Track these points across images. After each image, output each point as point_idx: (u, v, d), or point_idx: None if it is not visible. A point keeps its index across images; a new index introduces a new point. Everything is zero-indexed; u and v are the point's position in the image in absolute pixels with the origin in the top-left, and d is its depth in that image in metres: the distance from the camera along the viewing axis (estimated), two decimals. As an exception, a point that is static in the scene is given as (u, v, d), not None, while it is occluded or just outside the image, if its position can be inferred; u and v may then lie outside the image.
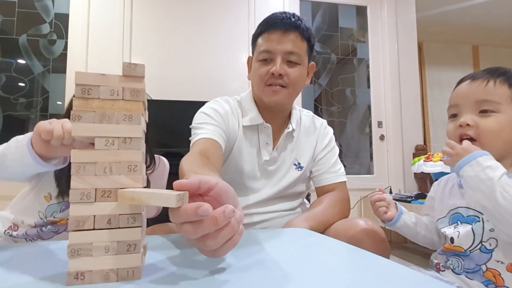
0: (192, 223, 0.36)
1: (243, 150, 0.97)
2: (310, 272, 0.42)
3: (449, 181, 0.77)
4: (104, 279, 0.37)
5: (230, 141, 0.96)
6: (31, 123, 2.44)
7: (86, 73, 0.38)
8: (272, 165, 1.00)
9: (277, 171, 1.00)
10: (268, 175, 0.99)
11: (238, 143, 0.97)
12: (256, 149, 0.99)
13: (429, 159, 2.00)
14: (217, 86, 2.59)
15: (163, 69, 2.51)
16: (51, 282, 0.37)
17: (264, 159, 0.98)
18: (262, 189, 0.98)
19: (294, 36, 0.92)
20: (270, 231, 0.73)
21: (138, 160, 0.39)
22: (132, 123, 0.39)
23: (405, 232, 0.76)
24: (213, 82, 2.61)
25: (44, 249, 0.54)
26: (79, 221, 0.37)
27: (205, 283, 0.37)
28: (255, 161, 0.98)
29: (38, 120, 2.43)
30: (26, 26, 2.42)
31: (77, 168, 0.37)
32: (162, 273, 0.40)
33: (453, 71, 4.33)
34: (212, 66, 2.64)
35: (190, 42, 2.63)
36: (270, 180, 1.00)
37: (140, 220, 0.39)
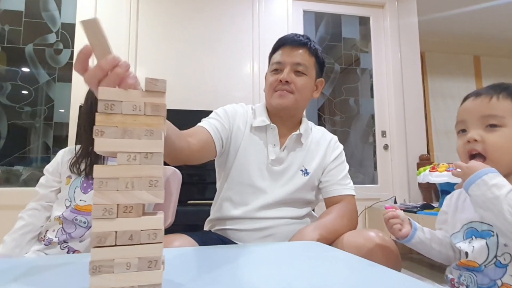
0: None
1: (251, 149, 1.02)
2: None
3: (461, 195, 0.77)
4: (125, 296, 0.36)
5: (236, 139, 1.02)
6: (34, 132, 2.45)
7: (109, 89, 0.39)
8: (278, 165, 1.02)
9: (284, 173, 1.02)
10: (274, 175, 1.02)
11: (246, 142, 1.02)
12: (264, 149, 1.03)
13: (434, 169, 1.99)
14: (221, 96, 2.60)
15: (167, 79, 2.49)
16: (72, 299, 0.37)
17: (271, 158, 1.01)
18: (270, 191, 1.00)
19: (303, 51, 1.03)
20: (284, 244, 0.73)
21: (159, 176, 0.39)
22: (153, 138, 0.39)
23: (420, 248, 0.75)
24: (217, 92, 2.62)
25: (67, 262, 0.53)
26: (100, 238, 0.36)
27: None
28: (262, 160, 1.02)
29: (42, 129, 2.44)
30: (32, 35, 2.45)
31: (100, 183, 0.37)
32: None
33: (455, 81, 4.36)
34: (216, 75, 2.66)
35: (195, 53, 2.65)
36: (277, 181, 1.01)
37: (161, 236, 0.38)
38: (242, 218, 0.98)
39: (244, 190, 1.00)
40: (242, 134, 1.03)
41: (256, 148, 1.03)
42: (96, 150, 0.38)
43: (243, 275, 0.46)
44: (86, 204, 0.85)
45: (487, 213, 0.60)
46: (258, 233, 0.96)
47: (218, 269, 0.49)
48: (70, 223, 0.85)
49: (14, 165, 2.42)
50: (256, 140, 1.03)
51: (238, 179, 1.01)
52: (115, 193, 0.37)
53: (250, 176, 1.00)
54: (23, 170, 2.45)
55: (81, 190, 0.87)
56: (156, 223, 0.38)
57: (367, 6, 3.08)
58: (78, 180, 0.88)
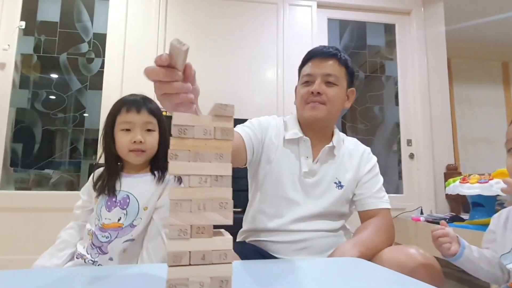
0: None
1: (284, 162, 1.02)
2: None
3: (510, 215, 0.75)
4: (198, 314, 0.38)
5: (268, 151, 1.03)
6: (66, 137, 2.54)
7: (182, 114, 0.41)
8: (311, 178, 1.02)
9: (317, 185, 1.02)
10: (307, 188, 1.01)
11: (279, 155, 1.03)
12: (296, 161, 1.03)
13: (465, 180, 1.94)
14: (245, 102, 2.62)
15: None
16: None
17: (304, 170, 1.01)
18: (303, 204, 1.00)
19: (332, 62, 1.04)
20: (330, 261, 0.73)
21: (229, 197, 0.41)
22: (223, 161, 0.41)
23: (467, 267, 0.74)
24: (241, 98, 2.64)
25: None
26: (176, 257, 0.38)
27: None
28: (294, 172, 1.02)
29: (74, 135, 2.53)
30: (66, 45, 2.55)
31: (175, 205, 0.39)
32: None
33: (482, 88, 4.23)
34: (240, 82, 2.69)
35: (220, 59, 2.70)
36: (310, 194, 1.01)
37: (231, 256, 0.40)
38: (276, 230, 0.99)
39: (278, 202, 1.00)
40: (275, 146, 1.04)
41: (289, 161, 1.03)
42: (170, 173, 0.40)
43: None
44: (111, 222, 0.88)
45: None
46: (294, 246, 0.97)
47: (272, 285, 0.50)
48: (95, 238, 0.89)
49: (44, 169, 2.52)
50: (288, 152, 1.04)
51: (272, 191, 1.01)
52: (188, 214, 0.39)
53: (284, 189, 1.00)
54: (53, 173, 2.54)
55: (106, 208, 0.89)
56: (226, 243, 0.40)
57: (392, 13, 3.05)
58: (103, 200, 0.90)
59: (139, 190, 0.91)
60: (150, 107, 0.92)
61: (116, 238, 0.87)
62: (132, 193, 0.90)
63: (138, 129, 0.90)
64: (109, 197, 0.90)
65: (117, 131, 0.91)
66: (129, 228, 0.88)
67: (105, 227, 0.88)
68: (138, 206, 0.89)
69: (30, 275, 0.58)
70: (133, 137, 0.89)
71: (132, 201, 0.89)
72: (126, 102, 0.91)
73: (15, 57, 2.44)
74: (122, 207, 0.89)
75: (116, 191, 0.90)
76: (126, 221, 0.88)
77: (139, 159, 0.92)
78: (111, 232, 0.87)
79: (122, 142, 0.90)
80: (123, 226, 0.87)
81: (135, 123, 0.90)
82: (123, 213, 0.88)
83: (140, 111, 0.90)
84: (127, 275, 0.57)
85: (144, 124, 0.91)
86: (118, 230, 0.87)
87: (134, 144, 0.89)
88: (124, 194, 0.90)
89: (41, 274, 0.60)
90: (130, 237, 0.88)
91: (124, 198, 0.89)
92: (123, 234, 0.87)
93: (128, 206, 0.89)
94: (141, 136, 0.89)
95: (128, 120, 0.90)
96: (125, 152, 0.91)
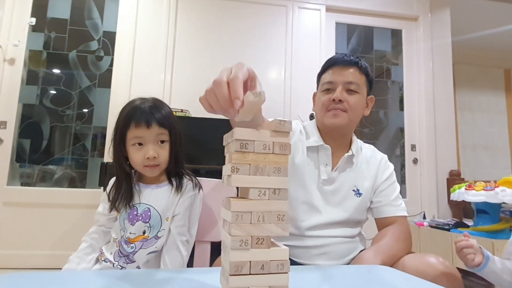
0: None
1: (306, 169, 1.03)
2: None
3: (531, 225, 0.77)
4: (258, 321, 0.40)
5: (292, 155, 1.03)
6: (74, 134, 2.54)
7: (243, 129, 0.42)
8: (329, 185, 1.03)
9: (335, 193, 1.03)
10: (326, 195, 1.03)
11: (301, 161, 1.04)
12: (316, 168, 1.04)
13: (471, 187, 1.96)
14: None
15: (201, 86, 2.56)
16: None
17: (323, 178, 1.03)
18: (324, 211, 1.01)
19: (353, 69, 1.04)
20: (351, 268, 0.75)
21: (286, 210, 0.42)
22: (281, 175, 0.43)
23: (490, 278, 0.76)
24: (250, 101, 2.66)
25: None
26: (238, 266, 0.40)
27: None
28: (314, 179, 1.03)
29: (81, 131, 2.53)
30: (76, 42, 2.56)
31: (236, 216, 0.41)
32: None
33: (484, 94, 4.28)
34: (249, 84, 2.70)
35: (227, 60, 2.71)
36: (329, 201, 1.03)
37: (288, 266, 0.42)
38: (296, 235, 1.01)
39: (298, 207, 1.02)
40: (298, 151, 1.05)
41: (309, 167, 1.04)
42: (232, 185, 0.42)
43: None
44: (136, 236, 0.88)
45: None
46: (313, 251, 0.99)
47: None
48: (123, 249, 0.89)
49: (51, 165, 2.52)
50: (310, 160, 1.05)
51: (293, 195, 1.02)
52: (249, 225, 0.41)
53: (305, 194, 1.02)
54: (56, 169, 2.55)
55: (129, 222, 0.89)
56: (283, 254, 0.42)
57: (400, 19, 3.08)
58: (125, 212, 0.90)
59: (159, 201, 0.90)
60: (159, 119, 0.88)
61: (141, 249, 0.88)
62: (153, 206, 0.90)
63: (150, 144, 0.87)
64: (130, 211, 0.89)
65: (129, 146, 0.89)
66: (154, 240, 0.89)
67: (131, 241, 0.88)
68: (160, 218, 0.89)
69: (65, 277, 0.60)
70: (146, 153, 0.86)
71: (153, 213, 0.89)
72: (135, 116, 0.87)
73: (25, 53, 2.44)
74: (144, 221, 0.88)
75: (136, 204, 0.89)
76: (151, 233, 0.88)
77: (155, 173, 0.90)
78: (136, 244, 0.88)
79: (136, 159, 0.88)
80: (148, 238, 0.88)
81: (146, 138, 0.87)
82: (147, 226, 0.88)
83: (150, 125, 0.86)
84: (170, 278, 0.58)
85: (155, 137, 0.88)
86: (143, 241, 0.88)
87: (148, 160, 0.86)
88: (145, 207, 0.89)
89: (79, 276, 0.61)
90: (155, 249, 0.88)
91: (146, 211, 0.89)
92: (148, 246, 0.88)
93: (150, 219, 0.88)
94: (153, 151, 0.87)
95: (138, 135, 0.87)
96: (140, 167, 0.89)
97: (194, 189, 0.94)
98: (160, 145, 0.89)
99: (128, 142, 0.89)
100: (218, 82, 0.47)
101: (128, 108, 0.90)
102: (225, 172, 0.44)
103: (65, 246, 2.28)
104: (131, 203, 0.89)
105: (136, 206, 0.89)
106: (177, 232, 0.90)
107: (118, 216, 0.92)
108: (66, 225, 2.36)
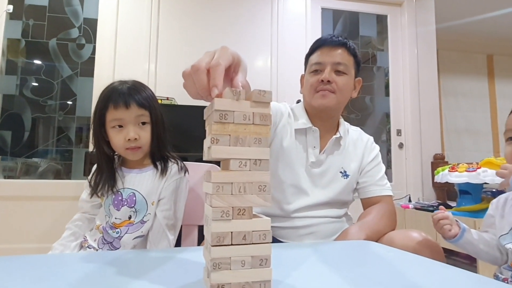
0: None
1: (294, 151, 1.04)
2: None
3: (508, 199, 0.80)
4: (241, 291, 0.40)
5: (279, 137, 1.04)
6: (57, 125, 2.48)
7: (223, 100, 0.42)
8: (317, 168, 1.04)
9: (323, 175, 1.04)
10: (314, 177, 1.04)
11: (289, 144, 1.04)
12: (304, 151, 1.05)
13: (454, 169, 2.01)
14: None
15: (187, 74, 2.55)
16: (193, 292, 0.40)
17: (311, 160, 1.03)
18: (311, 193, 1.02)
19: (342, 50, 1.03)
20: (335, 244, 0.76)
21: (267, 181, 0.42)
22: (261, 146, 0.42)
23: (468, 248, 0.79)
24: (236, 88, 2.64)
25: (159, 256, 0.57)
26: (219, 237, 0.40)
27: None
28: (302, 162, 1.04)
29: (65, 122, 2.48)
30: (56, 30, 2.48)
31: (217, 187, 0.40)
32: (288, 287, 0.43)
33: (468, 80, 4.35)
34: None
35: (212, 48, 2.67)
36: (317, 183, 1.04)
37: (270, 236, 0.42)
38: (284, 216, 1.01)
39: (286, 189, 1.02)
40: (287, 134, 1.05)
41: (297, 150, 1.04)
42: (212, 157, 0.41)
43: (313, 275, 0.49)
44: (122, 221, 0.87)
45: None
46: (300, 231, 1.00)
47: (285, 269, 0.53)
48: (108, 235, 0.88)
49: (34, 157, 2.47)
50: (298, 142, 1.05)
51: (282, 178, 1.02)
52: (230, 196, 0.41)
53: (293, 177, 1.02)
54: (40, 162, 2.49)
55: (114, 207, 0.87)
56: (265, 225, 0.42)
57: (385, 4, 3.08)
58: (110, 198, 0.88)
59: (144, 186, 0.89)
60: (139, 99, 0.85)
61: (126, 234, 0.87)
62: (138, 190, 0.88)
63: (131, 125, 0.85)
64: (115, 196, 0.87)
65: (109, 128, 0.86)
66: (140, 224, 0.87)
67: (116, 226, 0.87)
68: (145, 203, 0.88)
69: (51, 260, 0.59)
70: (126, 135, 0.84)
71: (139, 198, 0.88)
72: (113, 97, 0.84)
73: (2, 42, 2.35)
74: (129, 206, 0.87)
75: (120, 189, 0.88)
76: (137, 218, 0.87)
77: (137, 156, 0.88)
78: (122, 228, 0.87)
79: (117, 142, 0.86)
80: (134, 223, 0.87)
81: (126, 119, 0.85)
82: (132, 211, 0.87)
83: (129, 106, 0.84)
84: (158, 258, 0.58)
85: (135, 118, 0.86)
86: (128, 226, 0.87)
87: (129, 142, 0.84)
88: (129, 192, 0.88)
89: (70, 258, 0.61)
90: (141, 234, 0.87)
91: (130, 196, 0.87)
92: (134, 230, 0.87)
93: (136, 204, 0.87)
94: (134, 133, 0.84)
95: (117, 117, 0.84)
96: (122, 150, 0.87)
97: (180, 172, 0.93)
98: (141, 126, 0.87)
99: (108, 125, 0.86)
100: (197, 68, 0.44)
101: (106, 90, 0.88)
102: (206, 145, 0.44)
103: (52, 238, 2.22)
104: (115, 188, 0.88)
105: (121, 191, 0.88)
106: (163, 216, 0.89)
107: (102, 202, 0.90)
108: (52, 218, 2.32)
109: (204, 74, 0.44)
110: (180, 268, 0.51)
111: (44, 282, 0.45)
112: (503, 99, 4.33)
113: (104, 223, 0.89)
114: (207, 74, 0.44)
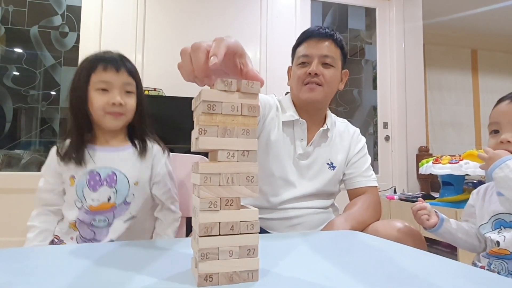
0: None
1: (281, 144, 1.04)
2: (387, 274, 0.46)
3: (488, 190, 0.82)
4: (228, 281, 0.40)
5: (267, 130, 1.04)
6: (40, 116, 2.42)
7: (211, 90, 0.41)
8: (305, 160, 1.05)
9: (310, 167, 1.05)
10: (301, 169, 1.05)
11: (276, 135, 1.04)
12: (292, 143, 1.05)
13: (438, 161, 2.06)
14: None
15: (174, 67, 2.50)
16: (181, 283, 0.40)
17: (298, 153, 1.04)
18: (298, 185, 1.03)
19: (329, 43, 1.03)
20: (321, 234, 0.77)
21: (255, 172, 0.42)
22: (249, 137, 0.42)
23: (446, 237, 0.81)
24: (225, 80, 2.62)
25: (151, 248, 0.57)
26: (207, 228, 0.40)
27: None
28: (290, 154, 1.04)
29: (48, 113, 2.41)
30: (37, 17, 2.40)
31: (205, 178, 0.40)
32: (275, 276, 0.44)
33: (452, 74, 4.43)
34: (224, 63, 2.65)
35: (200, 39, 2.63)
36: (304, 175, 1.05)
37: (257, 227, 0.42)
38: (271, 208, 1.02)
39: (274, 182, 1.03)
40: (275, 126, 1.05)
41: (285, 142, 1.05)
42: (200, 148, 0.41)
43: (300, 264, 0.50)
44: (100, 203, 0.81)
45: (508, 191, 0.69)
46: (287, 222, 1.01)
47: (272, 259, 0.53)
48: (85, 228, 0.81)
49: (14, 149, 2.40)
50: (286, 135, 1.05)
51: (270, 171, 1.02)
52: (218, 187, 0.41)
53: (281, 170, 1.02)
54: (23, 154, 2.43)
55: (89, 189, 0.82)
56: (253, 215, 0.42)
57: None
58: (84, 179, 0.82)
59: (125, 165, 0.85)
60: (129, 67, 0.85)
61: (115, 219, 0.83)
62: (119, 169, 0.84)
63: (117, 90, 0.83)
64: (90, 177, 0.82)
65: (91, 90, 0.82)
66: (124, 206, 0.84)
67: (93, 210, 0.81)
68: (128, 182, 0.84)
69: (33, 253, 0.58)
70: (111, 99, 0.81)
71: (120, 177, 0.84)
72: (104, 59, 0.83)
73: (-20, 28, 2.27)
74: (110, 185, 0.83)
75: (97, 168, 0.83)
76: (118, 199, 0.83)
77: (117, 123, 0.84)
78: (107, 214, 0.82)
79: (98, 103, 0.81)
80: (116, 205, 0.83)
81: (113, 84, 0.82)
82: (113, 191, 0.83)
83: (119, 70, 0.82)
84: (145, 249, 0.58)
85: (123, 85, 0.83)
86: (112, 210, 0.83)
87: (113, 106, 0.81)
88: (109, 171, 0.83)
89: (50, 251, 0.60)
90: (130, 215, 0.85)
91: (110, 175, 0.83)
92: (120, 214, 0.84)
93: (117, 184, 0.83)
94: (120, 97, 0.82)
95: (105, 80, 0.82)
96: (101, 114, 0.82)
97: (164, 154, 0.94)
98: (127, 94, 0.85)
99: (92, 86, 0.83)
100: (197, 47, 0.43)
101: (94, 54, 0.86)
102: (193, 136, 0.44)
103: (36, 231, 2.21)
104: (83, 161, 0.82)
105: (97, 171, 0.83)
106: (166, 198, 0.91)
107: (72, 186, 0.83)
108: (37, 210, 2.27)
109: (203, 53, 0.42)
110: (168, 259, 0.51)
111: (27, 276, 0.44)
112: (486, 93, 4.43)
113: (76, 214, 0.82)
114: (206, 54, 0.42)
